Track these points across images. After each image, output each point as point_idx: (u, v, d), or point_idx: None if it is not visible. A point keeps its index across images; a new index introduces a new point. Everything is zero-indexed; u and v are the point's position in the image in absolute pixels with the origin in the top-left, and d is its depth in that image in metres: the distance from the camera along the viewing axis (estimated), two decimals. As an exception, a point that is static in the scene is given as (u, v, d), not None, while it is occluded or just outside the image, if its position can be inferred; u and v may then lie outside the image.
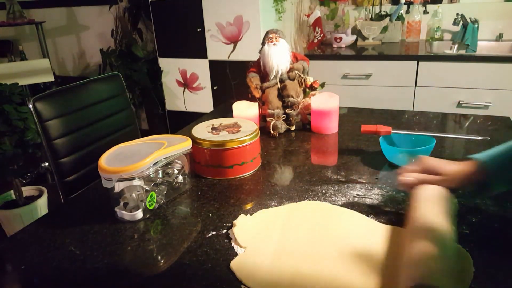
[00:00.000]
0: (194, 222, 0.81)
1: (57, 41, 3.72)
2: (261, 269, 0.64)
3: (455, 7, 2.48)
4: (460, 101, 2.14)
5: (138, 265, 0.69)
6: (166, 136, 0.95)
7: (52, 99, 1.23)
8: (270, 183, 0.94)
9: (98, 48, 3.32)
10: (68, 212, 0.90)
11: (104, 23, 3.43)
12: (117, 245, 0.75)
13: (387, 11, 2.63)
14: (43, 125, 1.19)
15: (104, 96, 1.39)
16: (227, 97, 2.64)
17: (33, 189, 2.22)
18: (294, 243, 0.70)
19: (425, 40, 2.58)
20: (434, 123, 1.27)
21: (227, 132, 0.99)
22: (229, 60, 2.59)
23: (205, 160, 0.97)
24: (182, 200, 0.90)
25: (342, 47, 2.59)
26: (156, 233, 0.78)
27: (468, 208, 0.77)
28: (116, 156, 0.84)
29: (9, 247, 0.77)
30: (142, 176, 0.82)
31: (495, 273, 0.60)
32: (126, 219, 0.82)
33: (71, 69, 3.79)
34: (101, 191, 0.93)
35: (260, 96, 1.27)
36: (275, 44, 1.23)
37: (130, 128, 1.50)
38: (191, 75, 2.76)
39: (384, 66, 2.24)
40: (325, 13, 2.77)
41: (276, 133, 1.22)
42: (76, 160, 1.26)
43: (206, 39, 2.60)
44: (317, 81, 1.30)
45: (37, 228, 0.82)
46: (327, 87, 1.37)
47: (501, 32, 2.40)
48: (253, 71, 1.29)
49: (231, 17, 2.47)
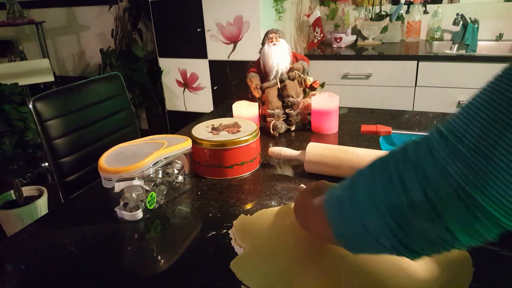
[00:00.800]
0: (194, 222, 0.81)
1: (57, 41, 3.72)
2: (261, 269, 0.64)
3: (455, 7, 2.48)
4: (460, 101, 2.14)
5: (138, 265, 0.69)
6: (166, 136, 0.95)
7: (52, 99, 1.23)
8: (270, 183, 0.94)
9: (98, 48, 3.32)
10: (68, 212, 0.90)
11: (104, 23, 3.43)
12: (117, 245, 0.75)
13: (387, 11, 2.64)
14: (43, 125, 1.19)
15: (104, 96, 1.39)
16: (227, 97, 2.64)
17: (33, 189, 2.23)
18: (294, 243, 0.70)
19: (425, 40, 2.58)
20: (434, 123, 1.27)
21: (227, 132, 0.99)
22: (229, 60, 2.59)
23: (205, 160, 0.97)
24: (182, 200, 0.90)
25: (342, 47, 2.59)
26: (156, 233, 0.78)
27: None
28: (116, 156, 0.85)
29: (9, 247, 0.77)
30: (142, 176, 0.82)
31: (495, 273, 0.60)
32: (126, 219, 0.82)
33: (71, 69, 3.79)
34: (101, 191, 0.92)
35: (260, 96, 1.27)
36: (275, 44, 1.23)
37: (130, 128, 1.50)
38: (191, 75, 2.76)
39: (384, 66, 2.24)
40: (325, 13, 2.77)
41: (276, 133, 1.22)
42: (76, 160, 1.26)
43: (206, 39, 2.60)
44: (317, 81, 1.30)
45: (37, 228, 0.82)
46: (327, 87, 1.37)
47: (501, 32, 2.40)
48: (253, 71, 1.29)
49: (231, 17, 2.47)
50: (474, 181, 0.36)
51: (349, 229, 0.47)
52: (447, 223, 0.39)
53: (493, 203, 0.36)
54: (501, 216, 0.36)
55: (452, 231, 0.39)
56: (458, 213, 0.38)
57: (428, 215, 0.39)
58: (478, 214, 0.37)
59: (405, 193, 0.41)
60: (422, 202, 0.39)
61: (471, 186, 0.36)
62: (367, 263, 0.64)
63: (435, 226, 0.39)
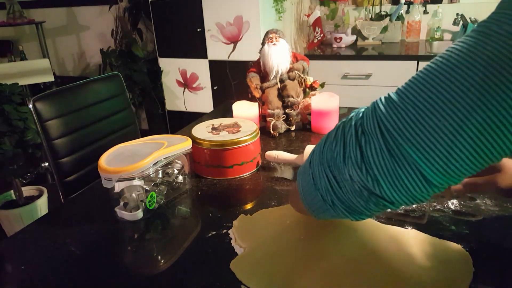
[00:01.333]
0: (194, 222, 0.81)
1: (57, 41, 3.72)
2: (261, 269, 0.64)
3: (455, 7, 2.48)
4: (460, 101, 2.14)
5: (138, 265, 0.69)
6: (166, 136, 0.95)
7: (52, 99, 1.23)
8: (270, 183, 0.94)
9: (98, 48, 3.32)
10: (68, 212, 0.90)
11: (104, 23, 3.43)
12: (117, 245, 0.75)
13: (387, 11, 2.64)
14: (43, 125, 1.19)
15: (104, 96, 1.39)
16: (227, 97, 2.64)
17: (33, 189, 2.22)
18: (294, 243, 0.70)
19: (425, 40, 2.58)
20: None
21: (227, 132, 0.99)
22: (229, 60, 2.59)
23: (205, 160, 0.97)
24: (182, 200, 0.90)
25: (342, 47, 2.59)
26: (156, 233, 0.78)
27: (468, 208, 0.77)
28: (116, 156, 0.84)
29: (9, 247, 0.77)
30: (142, 176, 0.82)
31: (495, 273, 0.60)
32: (126, 219, 0.82)
33: (71, 69, 3.79)
34: (101, 191, 0.92)
35: (260, 96, 1.27)
36: (275, 44, 1.23)
37: (130, 128, 1.50)
38: (191, 75, 2.76)
39: (384, 66, 2.24)
40: (325, 13, 2.77)
41: (276, 133, 1.22)
42: (76, 160, 1.26)
43: (206, 39, 2.60)
44: (317, 81, 1.30)
45: (37, 228, 0.82)
46: (327, 87, 1.37)
47: (501, 32, 2.40)
48: (253, 71, 1.29)
49: (231, 17, 2.47)
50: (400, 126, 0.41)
51: (307, 190, 0.54)
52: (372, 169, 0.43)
53: (416, 149, 0.40)
54: (424, 165, 0.40)
55: (377, 177, 0.43)
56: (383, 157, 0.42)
57: (357, 162, 0.44)
58: (401, 158, 0.41)
59: (343, 148, 0.47)
60: (354, 150, 0.45)
61: (397, 130, 0.41)
62: (367, 263, 0.64)
63: (362, 173, 0.44)
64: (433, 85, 0.40)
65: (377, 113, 0.44)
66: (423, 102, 0.40)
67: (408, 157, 0.40)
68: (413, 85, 0.42)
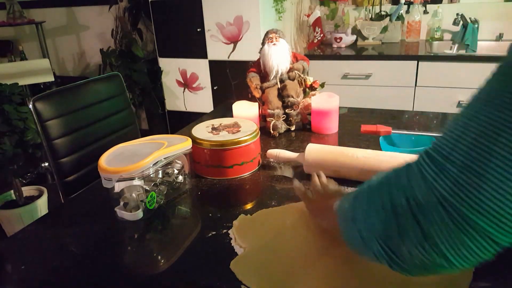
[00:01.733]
0: (194, 222, 0.81)
1: (57, 41, 3.72)
2: (261, 269, 0.64)
3: (455, 7, 2.48)
4: (460, 101, 2.14)
5: (138, 265, 0.69)
6: (166, 136, 0.95)
7: (52, 99, 1.23)
8: (270, 183, 0.94)
9: (98, 48, 3.32)
10: (68, 212, 0.90)
11: (104, 23, 3.43)
12: (117, 245, 0.75)
13: (387, 11, 2.63)
14: (43, 125, 1.19)
15: (104, 96, 1.39)
16: (227, 97, 2.64)
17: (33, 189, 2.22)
18: (294, 243, 0.70)
19: (425, 40, 2.58)
20: (434, 123, 1.27)
21: (227, 132, 0.99)
22: (229, 60, 2.59)
23: (205, 160, 0.97)
24: (182, 200, 0.90)
25: (342, 47, 2.59)
26: (156, 233, 0.78)
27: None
28: (116, 156, 0.85)
29: (9, 247, 0.77)
30: (142, 176, 0.82)
31: (495, 273, 0.60)
32: (126, 219, 0.82)
33: (71, 69, 3.79)
34: (101, 191, 0.92)
35: (260, 96, 1.27)
36: (275, 44, 1.23)
37: (130, 128, 1.50)
38: (191, 75, 2.76)
39: (384, 66, 2.24)
40: (325, 13, 2.77)
41: (276, 133, 1.22)
42: (76, 160, 1.26)
43: (206, 39, 2.59)
44: (317, 81, 1.30)
45: (37, 228, 0.83)
46: (327, 87, 1.37)
47: (501, 32, 2.40)
48: (253, 71, 1.29)
49: (231, 17, 2.47)
50: (463, 197, 0.37)
51: (354, 242, 0.50)
52: (436, 245, 0.39)
53: (484, 217, 0.36)
54: (494, 230, 0.36)
55: (443, 252, 0.39)
56: (448, 232, 0.38)
57: (417, 239, 0.40)
58: (470, 229, 0.37)
59: (395, 219, 0.42)
60: (411, 226, 0.40)
61: (460, 202, 0.37)
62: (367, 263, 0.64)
63: (425, 251, 0.40)
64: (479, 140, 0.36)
65: (431, 183, 0.39)
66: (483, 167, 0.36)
67: (477, 226, 0.37)
68: (456, 142, 0.38)
